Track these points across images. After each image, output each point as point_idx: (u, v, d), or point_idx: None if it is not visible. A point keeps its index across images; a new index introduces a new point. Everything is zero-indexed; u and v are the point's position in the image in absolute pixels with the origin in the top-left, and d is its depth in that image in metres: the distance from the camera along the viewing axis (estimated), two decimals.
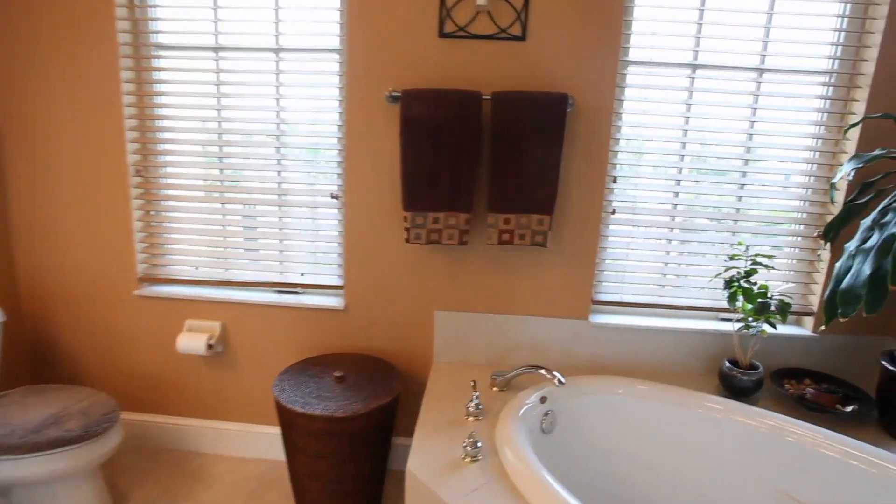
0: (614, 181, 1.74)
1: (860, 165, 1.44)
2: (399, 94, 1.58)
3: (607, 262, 1.82)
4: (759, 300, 1.63)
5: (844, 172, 1.46)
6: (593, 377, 1.72)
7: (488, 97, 1.58)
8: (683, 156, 1.75)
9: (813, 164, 1.74)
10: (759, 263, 1.66)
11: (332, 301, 1.87)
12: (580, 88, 1.64)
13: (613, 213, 1.76)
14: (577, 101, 1.64)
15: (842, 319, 1.50)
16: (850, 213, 1.61)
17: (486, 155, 1.64)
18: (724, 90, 1.70)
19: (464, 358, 1.85)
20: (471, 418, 1.48)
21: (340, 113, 1.74)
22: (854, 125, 1.61)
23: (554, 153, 1.60)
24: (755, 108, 1.71)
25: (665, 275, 1.83)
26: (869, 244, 1.42)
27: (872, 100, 1.62)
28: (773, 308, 1.61)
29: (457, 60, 1.63)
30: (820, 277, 1.78)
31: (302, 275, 1.89)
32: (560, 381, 1.50)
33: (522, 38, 1.61)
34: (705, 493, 1.59)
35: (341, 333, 1.88)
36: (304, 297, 1.89)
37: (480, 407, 1.49)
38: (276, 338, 1.90)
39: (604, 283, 1.84)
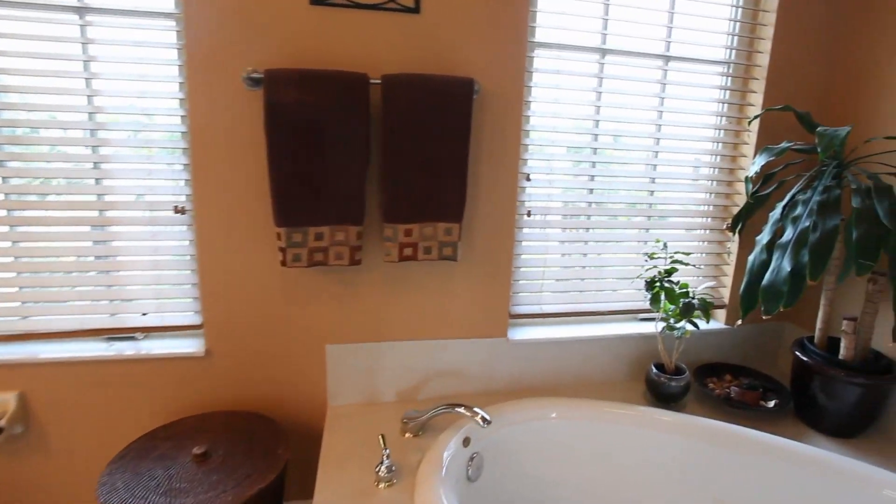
0: (527, 179, 1.53)
1: (772, 158, 1.39)
2: (261, 76, 1.21)
3: (523, 270, 1.61)
4: (683, 300, 1.53)
5: (759, 165, 1.39)
6: (519, 402, 1.51)
7: (377, 81, 1.28)
8: (596, 149, 1.60)
9: (716, 155, 1.70)
10: (679, 262, 1.56)
11: (188, 345, 1.44)
12: (485, 72, 1.40)
13: (529, 215, 1.56)
14: (482, 87, 1.40)
15: (765, 317, 1.43)
16: (755, 205, 1.58)
17: (378, 152, 1.34)
18: (634, 77, 1.57)
19: (367, 397, 1.53)
20: (382, 485, 1.17)
21: (182, 99, 1.32)
22: (757, 116, 1.57)
23: (460, 148, 1.35)
24: (663, 98, 1.61)
25: (583, 279, 1.67)
26: (785, 239, 1.36)
27: (769, 91, 1.60)
28: (697, 307, 1.51)
29: (336, 35, 1.30)
30: (730, 270, 1.75)
31: (143, 314, 1.42)
32: (484, 421, 1.25)
33: (416, 9, 1.32)
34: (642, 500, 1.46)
35: (203, 387, 1.45)
36: (148, 344, 1.43)
37: (393, 469, 1.19)
38: (108, 406, 1.41)
39: (521, 295, 1.63)
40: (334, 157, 1.27)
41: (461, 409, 1.30)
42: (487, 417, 1.27)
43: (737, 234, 1.70)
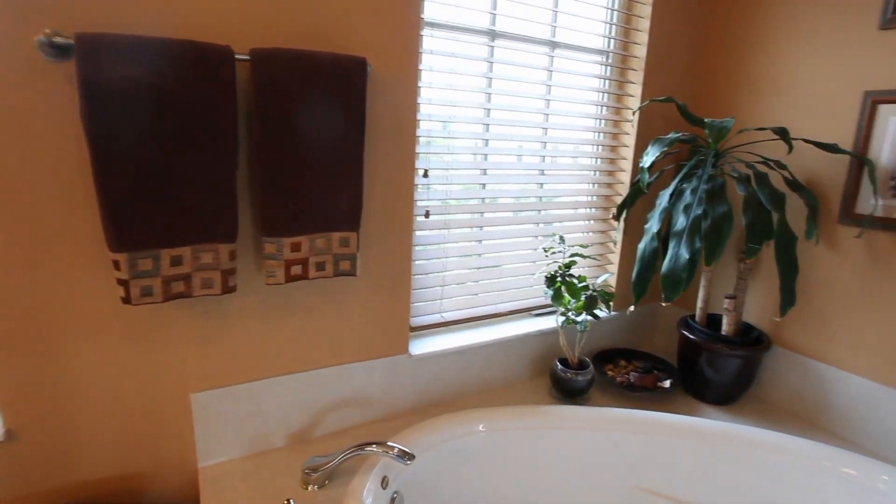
0: (425, 175, 1.37)
1: (665, 148, 1.41)
2: (72, 42, 0.86)
3: (421, 277, 1.45)
4: (585, 294, 1.51)
5: (654, 156, 1.41)
6: (431, 423, 1.36)
7: (244, 57, 0.99)
8: (488, 140, 1.49)
9: (598, 145, 1.71)
10: (579, 254, 1.54)
11: None
12: (375, 51, 1.18)
13: (427, 215, 1.40)
14: (372, 69, 1.19)
15: (664, 304, 1.48)
16: (637, 194, 1.63)
17: (253, 148, 1.05)
18: (523, 63, 1.49)
19: (252, 447, 1.25)
20: None
21: None
22: (642, 107, 1.60)
23: (354, 141, 1.13)
24: (550, 86, 1.56)
25: (477, 281, 1.57)
26: (678, 227, 1.40)
27: (647, 82, 1.64)
28: (600, 299, 1.51)
29: None
30: (615, 258, 1.80)
31: None
32: (405, 456, 1.09)
33: None
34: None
35: (8, 481, 1.03)
36: None
37: None
38: None
39: (420, 305, 1.47)
40: (192, 156, 0.96)
41: (374, 448, 1.11)
42: (407, 451, 1.10)
43: (621, 223, 1.74)
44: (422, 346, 1.46)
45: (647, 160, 1.42)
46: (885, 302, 1.33)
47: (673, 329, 1.90)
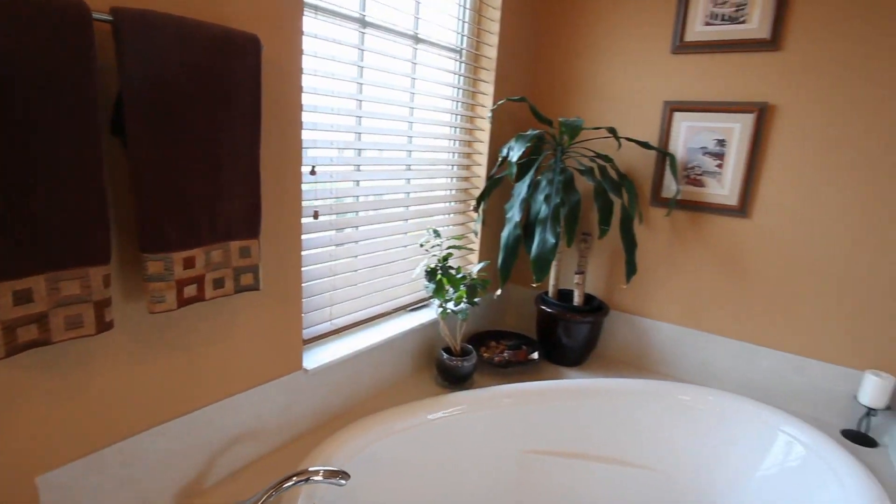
0: (312, 172, 1.24)
1: (529, 144, 1.56)
2: None
3: (310, 284, 1.32)
4: (464, 284, 1.58)
5: (520, 151, 1.54)
6: (335, 438, 1.26)
7: (105, 17, 0.76)
8: (361, 133, 1.43)
9: (455, 140, 1.79)
10: (455, 247, 1.59)
11: None
12: (253, 25, 1.02)
13: (316, 217, 1.27)
14: (265, 49, 1.02)
15: (534, 285, 1.64)
16: (493, 186, 1.76)
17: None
18: (392, 55, 1.46)
19: None
20: None
21: None
22: (500, 104, 1.72)
23: (250, 134, 0.96)
24: (414, 80, 1.57)
25: (363, 283, 1.51)
26: (542, 215, 1.57)
27: (499, 81, 1.77)
28: (478, 287, 1.59)
29: None
30: (475, 246, 1.91)
31: None
32: (337, 475, 1.01)
33: None
34: (473, 482, 1.49)
35: None
36: None
37: None
38: None
39: (310, 314, 1.34)
40: (35, 151, 0.69)
41: (293, 483, 0.99)
42: (338, 470, 1.01)
43: (480, 213, 1.86)
44: (315, 359, 1.33)
45: (515, 155, 1.55)
46: (684, 265, 1.72)
47: (521, 307, 2.11)
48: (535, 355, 1.78)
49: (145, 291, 0.85)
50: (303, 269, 1.28)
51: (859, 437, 1.41)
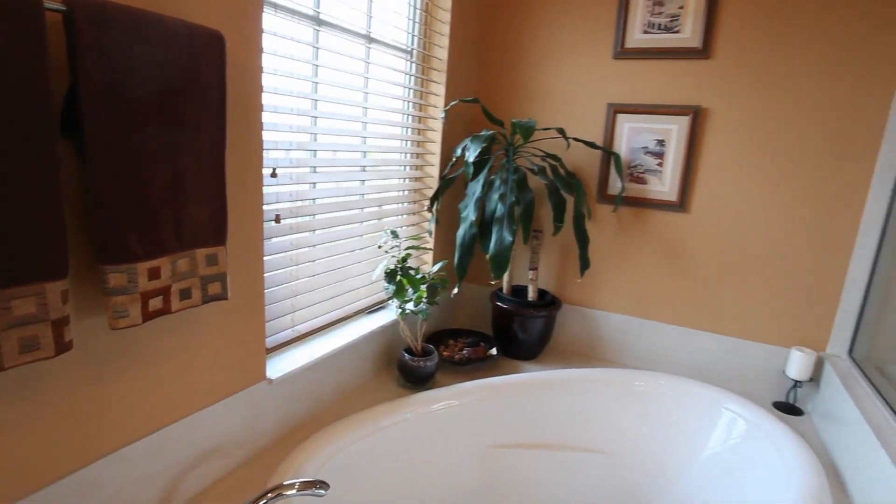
0: (273, 175, 1.19)
1: (484, 144, 1.58)
2: None
3: (272, 290, 1.27)
4: (423, 284, 1.58)
5: (476, 151, 1.56)
6: (303, 449, 1.23)
7: (58, 7, 0.69)
8: (316, 134, 1.39)
9: (407, 140, 1.79)
10: (415, 247, 1.59)
11: None
12: (219, 23, 0.97)
13: (277, 220, 1.22)
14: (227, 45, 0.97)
15: (492, 282, 1.67)
16: (446, 186, 1.78)
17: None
18: (348, 54, 1.44)
19: None
20: None
21: None
22: (453, 104, 1.74)
23: (215, 135, 0.91)
24: (367, 79, 1.55)
25: (317, 289, 1.47)
26: (499, 214, 1.61)
27: (450, 83, 1.78)
28: (438, 287, 1.60)
29: None
30: (430, 246, 1.91)
31: None
32: (314, 485, 0.98)
33: None
34: (442, 481, 1.50)
35: None
36: None
37: None
38: None
39: (273, 322, 1.29)
40: None
41: (272, 499, 0.96)
42: (315, 481, 0.99)
43: (434, 212, 1.87)
44: (279, 368, 1.28)
45: (471, 155, 1.57)
46: (629, 257, 1.82)
47: (474, 305, 2.14)
48: (494, 351, 1.82)
49: (106, 306, 0.79)
50: (267, 274, 1.23)
51: (788, 408, 1.57)
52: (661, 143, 1.68)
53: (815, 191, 1.54)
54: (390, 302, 1.74)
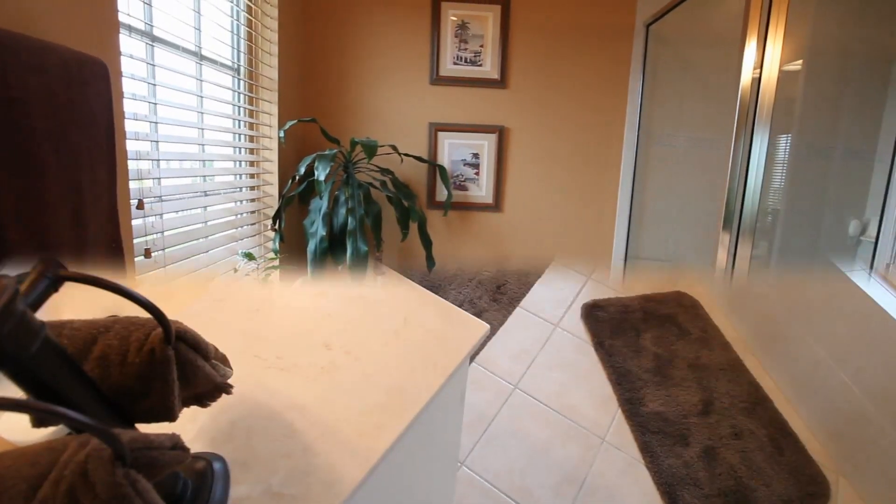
0: (139, 207, 1.08)
1: (332, 163, 1.66)
2: None
3: None
4: None
5: (325, 171, 1.63)
6: None
7: None
8: (159, 160, 1.30)
9: (243, 161, 1.74)
10: (274, 267, 1.59)
11: None
12: (81, 46, 0.87)
13: (147, 255, 1.11)
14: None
15: None
16: (286, 204, 1.81)
17: None
18: (181, 72, 1.36)
19: None
20: None
21: None
22: (292, 124, 1.75)
23: (107, 168, 0.83)
24: (202, 98, 1.48)
25: None
26: (351, 227, 1.73)
27: (282, 102, 1.79)
28: None
29: None
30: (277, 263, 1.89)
31: None
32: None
33: None
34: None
35: None
36: None
37: None
38: None
39: None
40: None
41: None
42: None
43: (279, 230, 1.86)
44: None
45: (321, 174, 1.64)
46: (461, 254, 2.12)
47: None
48: None
49: None
50: None
51: None
52: (476, 155, 2.01)
53: (592, 183, 2.07)
54: None
